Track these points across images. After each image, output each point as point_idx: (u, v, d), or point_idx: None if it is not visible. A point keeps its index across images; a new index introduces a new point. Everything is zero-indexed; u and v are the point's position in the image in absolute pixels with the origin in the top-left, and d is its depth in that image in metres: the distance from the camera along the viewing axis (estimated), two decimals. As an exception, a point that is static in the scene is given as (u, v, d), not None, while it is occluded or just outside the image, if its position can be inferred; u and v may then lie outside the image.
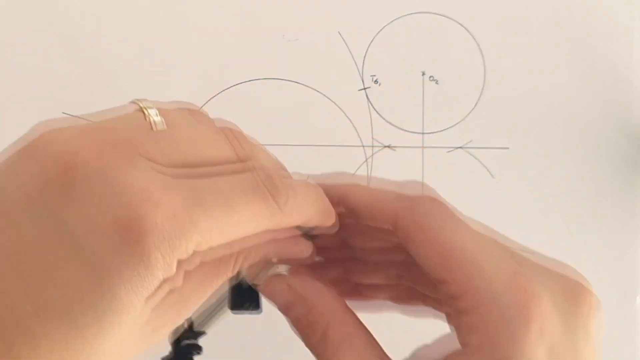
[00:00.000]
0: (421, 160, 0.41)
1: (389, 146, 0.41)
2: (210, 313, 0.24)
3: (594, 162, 0.41)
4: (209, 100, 0.41)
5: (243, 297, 0.24)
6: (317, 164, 0.41)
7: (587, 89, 0.42)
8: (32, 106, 0.41)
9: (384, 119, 0.41)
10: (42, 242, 0.16)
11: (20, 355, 0.16)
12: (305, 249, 0.24)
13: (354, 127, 0.41)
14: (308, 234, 0.24)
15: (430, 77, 0.41)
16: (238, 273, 0.22)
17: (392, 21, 0.41)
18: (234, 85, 0.41)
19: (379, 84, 0.41)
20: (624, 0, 0.42)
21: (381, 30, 0.41)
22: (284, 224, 0.21)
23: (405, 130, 0.41)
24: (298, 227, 0.23)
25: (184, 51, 0.41)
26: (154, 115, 0.20)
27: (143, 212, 0.16)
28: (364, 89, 0.41)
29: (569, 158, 0.41)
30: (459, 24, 0.41)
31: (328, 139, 0.41)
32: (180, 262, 0.18)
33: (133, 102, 0.21)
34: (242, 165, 0.21)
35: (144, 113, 0.20)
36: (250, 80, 0.41)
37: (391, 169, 0.41)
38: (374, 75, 0.41)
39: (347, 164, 0.41)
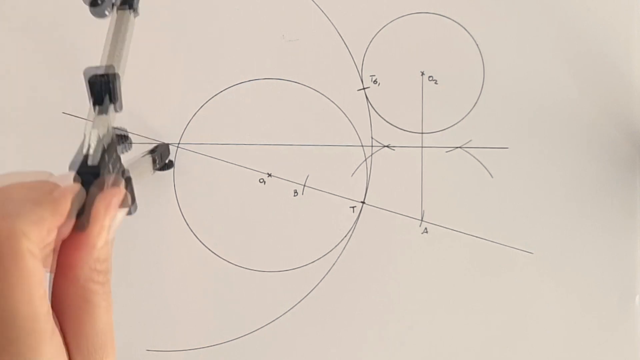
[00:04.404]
0: (420, 160, 0.41)
1: (388, 146, 0.41)
2: None
3: (594, 162, 0.41)
4: (209, 100, 0.41)
5: None
6: (317, 164, 0.41)
7: (586, 89, 0.42)
8: (32, 106, 0.41)
9: (383, 118, 0.41)
10: None
11: None
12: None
13: (353, 127, 0.41)
14: None
15: (429, 77, 0.41)
16: None
17: (391, 21, 0.41)
18: (234, 85, 0.41)
19: (378, 84, 0.41)
20: (624, 1, 0.42)
21: (380, 30, 0.41)
22: None
23: (405, 130, 0.41)
24: None
25: (184, 51, 0.41)
26: None
27: None
28: (364, 88, 0.41)
29: (568, 158, 0.41)
30: (458, 24, 0.41)
31: (327, 138, 0.41)
32: None
33: None
34: None
35: None
36: (250, 80, 0.41)
37: (390, 169, 0.41)
38: (374, 75, 0.41)
39: (346, 163, 0.41)
